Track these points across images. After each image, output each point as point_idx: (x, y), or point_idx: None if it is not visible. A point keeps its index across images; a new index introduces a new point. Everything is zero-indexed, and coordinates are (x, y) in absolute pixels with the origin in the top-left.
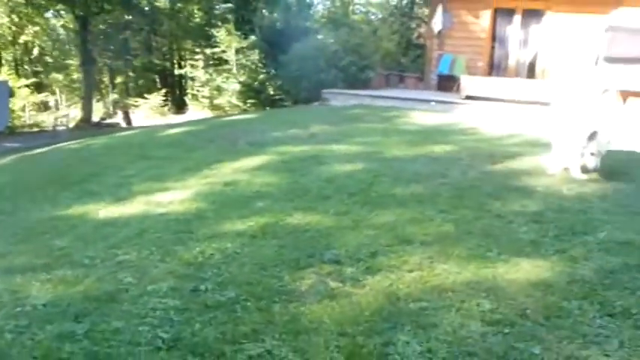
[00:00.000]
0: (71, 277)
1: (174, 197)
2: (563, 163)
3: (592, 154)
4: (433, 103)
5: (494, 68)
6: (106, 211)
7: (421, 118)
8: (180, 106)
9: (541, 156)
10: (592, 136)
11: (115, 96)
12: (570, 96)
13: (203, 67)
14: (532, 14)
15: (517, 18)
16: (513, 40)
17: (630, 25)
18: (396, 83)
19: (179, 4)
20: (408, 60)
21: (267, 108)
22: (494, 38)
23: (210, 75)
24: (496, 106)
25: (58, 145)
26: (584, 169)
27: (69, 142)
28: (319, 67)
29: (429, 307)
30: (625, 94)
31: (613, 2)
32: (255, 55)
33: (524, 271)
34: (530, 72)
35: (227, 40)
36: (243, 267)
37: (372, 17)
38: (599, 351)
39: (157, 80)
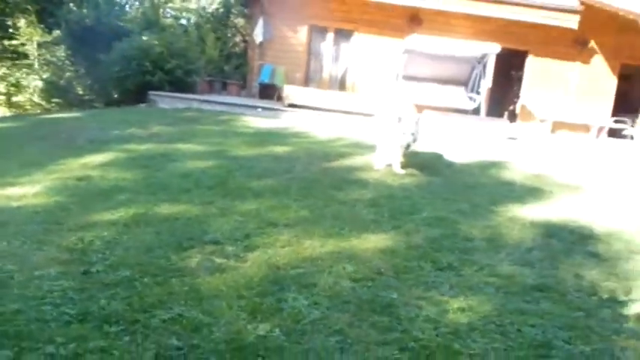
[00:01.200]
0: None
1: (25, 191)
2: (386, 161)
3: (404, 133)
4: (260, 109)
5: (310, 80)
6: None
7: (253, 122)
8: None
9: (366, 155)
10: (400, 120)
11: None
12: (386, 106)
13: None
14: (343, 34)
15: (330, 36)
16: (327, 56)
17: (422, 48)
18: (220, 90)
19: None
20: (230, 67)
21: (75, 108)
22: (310, 52)
23: (8, 69)
24: (316, 114)
25: None
26: (403, 165)
27: None
28: (144, 68)
29: (305, 272)
30: (420, 108)
31: (407, 29)
32: (61, 52)
33: (372, 242)
34: (342, 85)
35: (28, 33)
36: (128, 251)
37: (184, 22)
38: (437, 292)
39: None
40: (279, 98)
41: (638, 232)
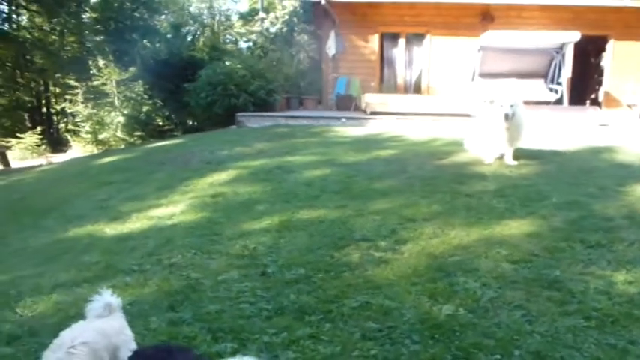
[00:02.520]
0: (133, 282)
1: (171, 211)
2: (495, 154)
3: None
4: (344, 119)
5: (385, 87)
6: (110, 229)
7: (344, 131)
8: (56, 145)
9: (469, 152)
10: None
11: None
12: (485, 107)
13: (83, 102)
14: (415, 38)
15: (402, 41)
16: (400, 61)
17: (497, 44)
18: (297, 105)
19: (53, 37)
20: (306, 83)
21: (152, 139)
22: (383, 60)
23: (92, 108)
24: (399, 119)
25: None
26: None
27: None
28: (230, 91)
29: (463, 259)
30: None
31: (480, 27)
32: (138, 87)
33: (514, 228)
34: (416, 89)
35: (107, 72)
36: (291, 252)
37: (243, 46)
38: (597, 268)
39: (26, 118)
40: (357, 108)
41: None
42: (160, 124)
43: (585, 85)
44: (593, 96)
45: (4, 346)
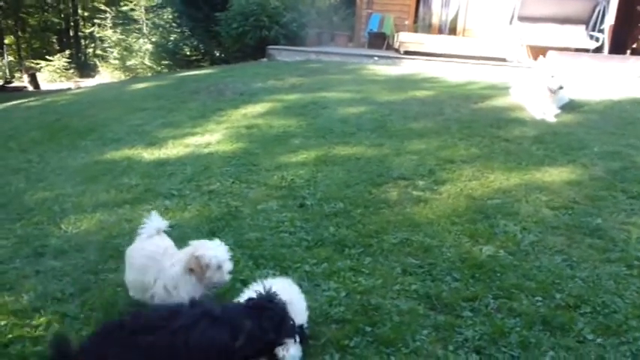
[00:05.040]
0: (173, 206)
1: (207, 140)
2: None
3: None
4: (376, 58)
5: (419, 26)
6: (147, 154)
7: (379, 70)
8: (84, 70)
9: (507, 97)
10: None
11: (10, 58)
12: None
13: (111, 27)
14: None
15: None
16: (436, 1)
17: None
18: (328, 41)
19: None
20: (338, 18)
21: (179, 69)
22: None
23: (121, 35)
24: (434, 60)
25: None
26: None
27: (6, 103)
28: (262, 23)
29: (503, 202)
30: (537, 50)
31: None
32: (167, 14)
33: (554, 175)
34: (452, 30)
35: None
36: (330, 187)
37: None
38: (639, 218)
39: (55, 41)
40: (389, 47)
41: None
42: (188, 53)
43: (628, 33)
44: (635, 46)
45: (52, 260)
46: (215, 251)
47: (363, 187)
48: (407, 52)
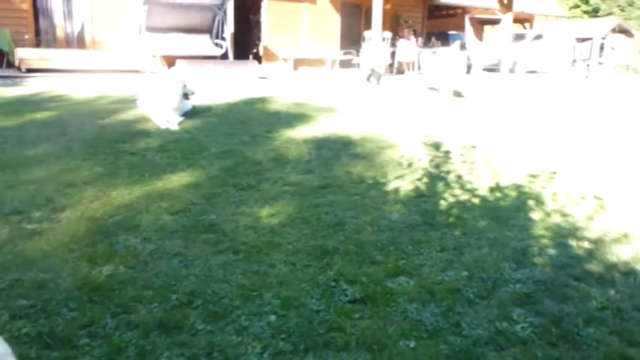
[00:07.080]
0: None
1: None
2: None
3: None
4: None
5: (43, 40)
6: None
7: None
8: None
9: (136, 110)
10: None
11: None
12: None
13: None
14: None
15: None
16: (58, 12)
17: None
18: None
19: None
20: None
21: None
22: (37, 10)
23: None
24: (63, 76)
25: None
26: None
27: None
28: None
29: (125, 217)
30: (169, 59)
31: None
32: None
33: (175, 181)
34: (80, 42)
35: None
36: None
37: None
38: (246, 207)
39: None
40: (10, 64)
41: (382, 135)
42: None
43: (247, 40)
44: (255, 51)
45: None
46: None
47: None
48: (30, 70)
